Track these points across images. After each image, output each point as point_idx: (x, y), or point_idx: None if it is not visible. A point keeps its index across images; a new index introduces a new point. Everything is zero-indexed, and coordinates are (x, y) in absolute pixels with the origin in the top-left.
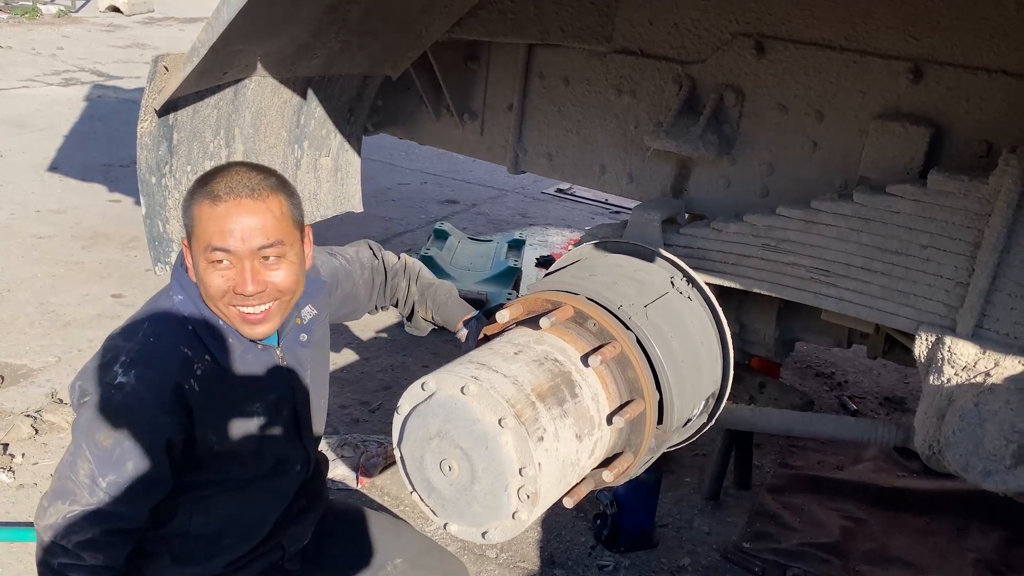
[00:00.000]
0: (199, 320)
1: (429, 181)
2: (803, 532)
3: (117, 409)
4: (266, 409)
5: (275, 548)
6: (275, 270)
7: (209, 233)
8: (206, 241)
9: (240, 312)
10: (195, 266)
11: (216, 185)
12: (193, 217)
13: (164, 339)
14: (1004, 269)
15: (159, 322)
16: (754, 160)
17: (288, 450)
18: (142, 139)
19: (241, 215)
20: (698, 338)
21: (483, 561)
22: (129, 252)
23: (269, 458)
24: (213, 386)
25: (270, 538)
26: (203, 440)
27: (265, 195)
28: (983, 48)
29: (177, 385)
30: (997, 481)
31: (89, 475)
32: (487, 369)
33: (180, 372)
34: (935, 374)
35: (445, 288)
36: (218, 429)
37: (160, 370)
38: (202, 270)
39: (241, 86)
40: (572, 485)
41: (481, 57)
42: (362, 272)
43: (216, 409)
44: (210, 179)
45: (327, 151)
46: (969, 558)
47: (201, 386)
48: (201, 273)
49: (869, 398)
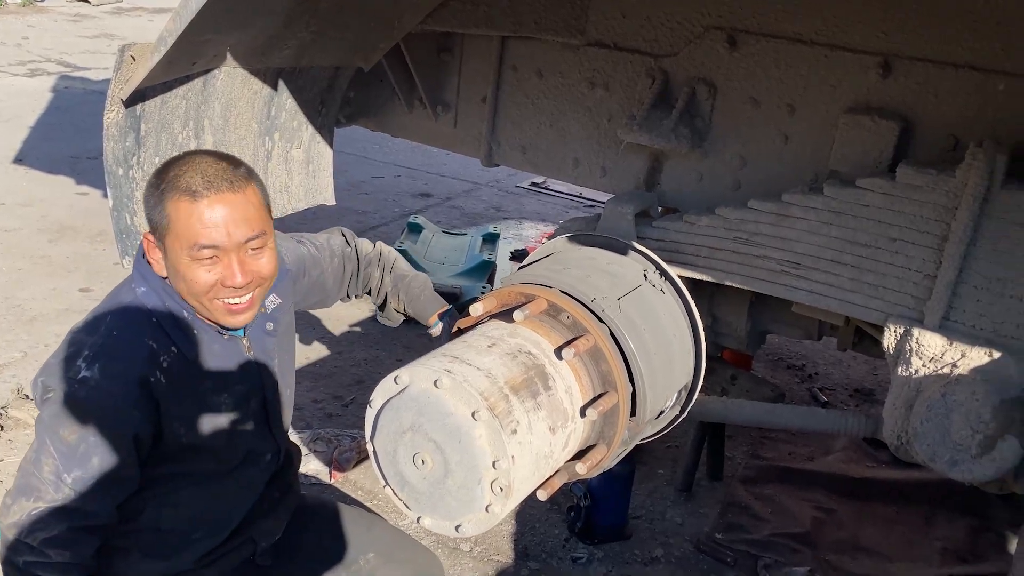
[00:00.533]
0: (163, 312)
1: (403, 174)
2: (774, 523)
3: (82, 404)
4: (234, 400)
5: (247, 543)
6: (260, 259)
7: (194, 231)
8: (191, 240)
9: (225, 304)
10: (172, 263)
11: (190, 179)
12: (168, 215)
13: (128, 332)
14: (970, 262)
15: (122, 315)
16: (726, 153)
17: (258, 441)
18: (108, 130)
19: (225, 209)
20: (671, 331)
21: (457, 555)
22: (97, 245)
23: (239, 449)
24: (180, 378)
25: (241, 532)
26: (171, 433)
27: (243, 186)
28: (951, 43)
29: (143, 378)
30: (963, 470)
31: (54, 471)
32: (460, 362)
33: (146, 365)
34: (903, 365)
35: (420, 280)
36: (186, 422)
37: (125, 363)
38: (185, 267)
39: (210, 77)
40: (545, 478)
41: (454, 49)
42: (331, 260)
43: (183, 402)
44: (178, 172)
45: (298, 143)
46: (936, 546)
47: (168, 378)
48: (184, 270)
49: (839, 390)
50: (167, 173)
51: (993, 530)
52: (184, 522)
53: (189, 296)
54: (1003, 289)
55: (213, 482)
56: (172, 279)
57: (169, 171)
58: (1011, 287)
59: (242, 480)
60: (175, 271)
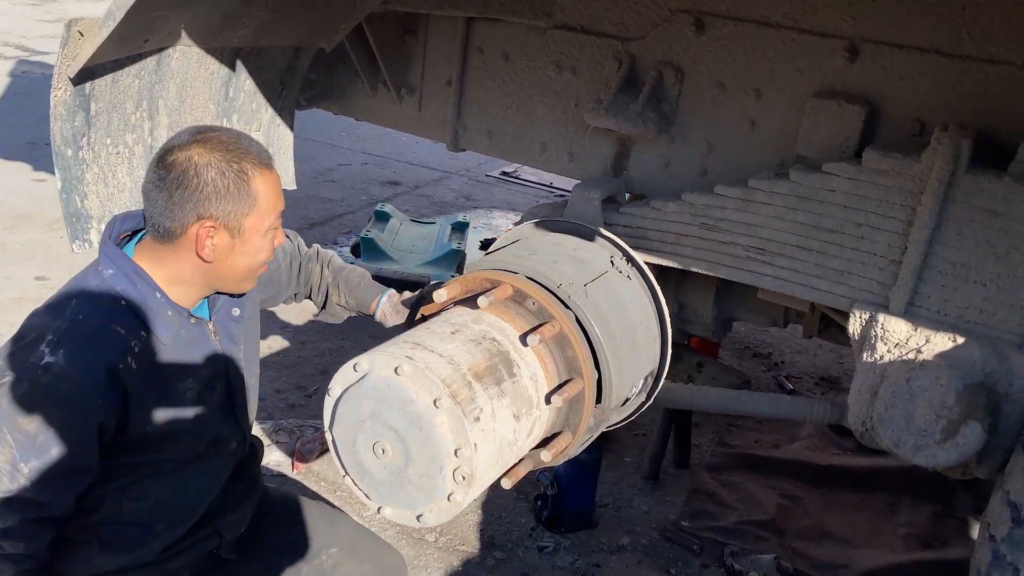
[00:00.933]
0: (133, 295)
1: (371, 162)
2: (740, 510)
3: (43, 391)
4: (200, 386)
5: (211, 535)
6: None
7: (275, 201)
8: (276, 209)
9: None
10: (245, 241)
11: (256, 151)
12: (257, 192)
13: (96, 316)
14: (935, 247)
15: (89, 298)
16: (693, 139)
17: (222, 428)
18: (56, 108)
19: (278, 178)
20: (637, 317)
21: (422, 545)
22: (54, 233)
23: (204, 437)
24: (150, 364)
25: (206, 525)
26: (137, 421)
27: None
28: (917, 28)
29: (111, 365)
30: (927, 456)
31: (10, 461)
32: (422, 349)
33: (115, 351)
34: (868, 351)
35: (358, 272)
36: (153, 409)
37: (93, 349)
38: (260, 241)
39: (165, 55)
40: (510, 466)
41: (419, 31)
42: (284, 256)
43: (152, 388)
44: (240, 146)
45: (257, 125)
46: (900, 532)
47: (139, 364)
48: (261, 243)
49: (805, 378)
50: (229, 152)
51: (956, 516)
52: (146, 514)
53: (246, 270)
54: (967, 274)
55: (176, 472)
56: (227, 261)
57: (229, 151)
58: (975, 272)
59: (206, 470)
60: (247, 248)
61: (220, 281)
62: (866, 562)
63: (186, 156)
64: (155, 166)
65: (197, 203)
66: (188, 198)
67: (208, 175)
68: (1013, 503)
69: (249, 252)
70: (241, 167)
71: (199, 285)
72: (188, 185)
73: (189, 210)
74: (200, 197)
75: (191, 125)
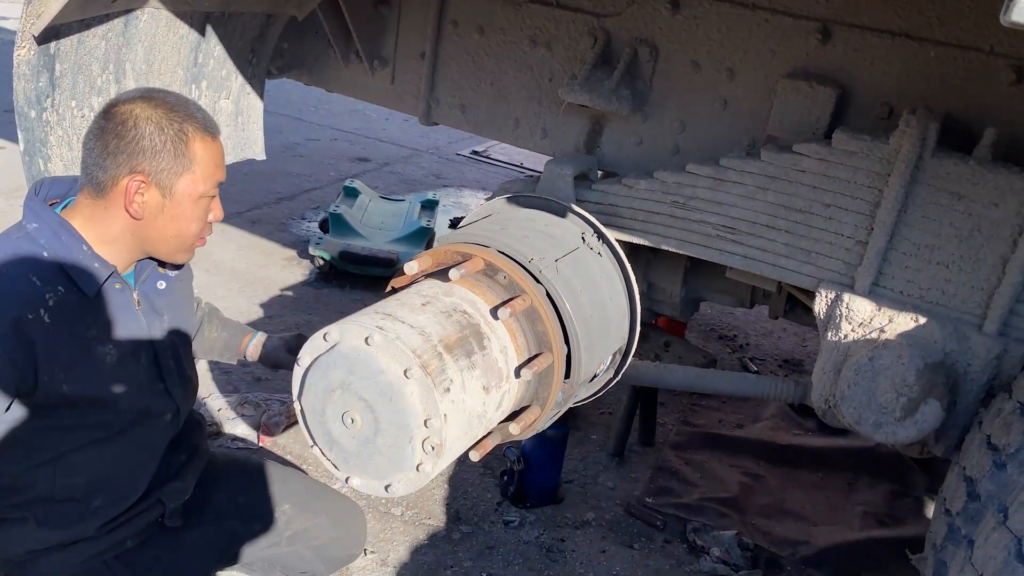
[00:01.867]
0: (57, 248)
1: (340, 138)
2: (704, 487)
3: None
4: (121, 352)
5: (154, 505)
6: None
7: (213, 169)
8: (214, 178)
9: (199, 241)
10: (176, 203)
11: (201, 117)
12: (195, 153)
13: (11, 266)
14: (901, 228)
15: (5, 249)
16: (666, 117)
17: (151, 399)
18: (19, 68)
19: (222, 149)
20: (607, 294)
21: (388, 519)
22: (14, 201)
23: (130, 407)
24: (65, 320)
25: (147, 495)
26: (50, 380)
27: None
28: (888, 12)
29: (19, 315)
30: (887, 433)
31: None
32: (393, 319)
33: (25, 301)
34: (833, 330)
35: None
36: (67, 368)
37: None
38: (192, 207)
39: (132, 18)
40: (479, 438)
41: (393, 1)
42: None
43: (66, 346)
44: (182, 108)
45: (227, 93)
46: (858, 511)
47: (52, 317)
48: (192, 210)
49: (769, 360)
50: (173, 112)
51: (911, 495)
52: (81, 491)
53: (176, 238)
54: (931, 256)
55: (108, 444)
56: (156, 221)
57: (173, 110)
58: (938, 254)
59: (139, 443)
60: (177, 211)
61: (150, 244)
62: (824, 539)
63: (128, 109)
64: (98, 116)
65: (131, 155)
66: (123, 149)
67: (146, 128)
68: (968, 478)
69: (179, 216)
70: (182, 127)
71: (129, 246)
72: (125, 136)
73: (122, 162)
74: (135, 149)
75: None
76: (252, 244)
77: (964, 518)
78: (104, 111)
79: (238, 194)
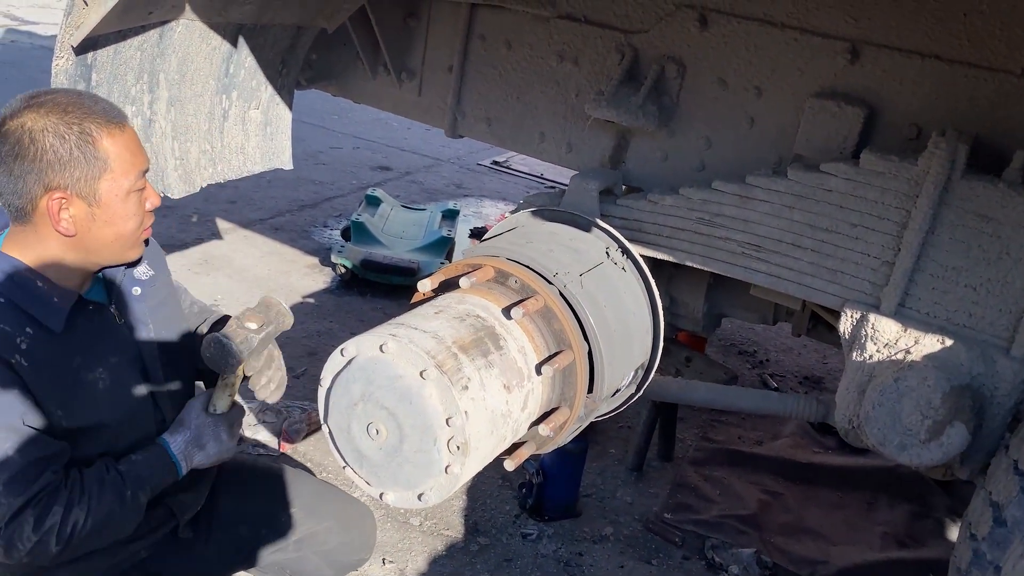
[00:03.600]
0: (13, 289)
1: (362, 146)
2: (722, 504)
3: None
4: (112, 374)
5: (167, 517)
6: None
7: (131, 159)
8: (136, 168)
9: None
10: (104, 208)
11: (103, 109)
12: (106, 152)
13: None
14: (928, 250)
15: None
16: (692, 134)
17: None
18: (57, 78)
19: (135, 134)
20: (631, 309)
21: (407, 529)
22: None
23: (130, 428)
24: (45, 359)
25: (159, 506)
26: (52, 418)
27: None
28: (918, 32)
29: (3, 361)
30: (912, 455)
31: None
32: (406, 327)
33: (1, 348)
34: (858, 350)
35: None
36: (62, 404)
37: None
38: (123, 203)
39: (167, 28)
40: (506, 440)
41: (421, 15)
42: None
43: (53, 384)
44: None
45: (257, 103)
46: (877, 531)
47: (30, 361)
48: (125, 207)
49: (789, 376)
50: (67, 113)
51: (932, 516)
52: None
53: (117, 240)
54: (958, 278)
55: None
56: (90, 232)
57: (66, 111)
58: (966, 276)
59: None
60: (109, 215)
61: (95, 255)
62: (843, 559)
63: (19, 124)
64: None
65: (40, 174)
66: (29, 170)
67: (46, 141)
68: (995, 503)
69: (113, 219)
70: (83, 128)
71: (76, 264)
72: (25, 155)
73: (32, 182)
74: (41, 167)
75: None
76: (274, 251)
77: (990, 543)
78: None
79: (261, 201)
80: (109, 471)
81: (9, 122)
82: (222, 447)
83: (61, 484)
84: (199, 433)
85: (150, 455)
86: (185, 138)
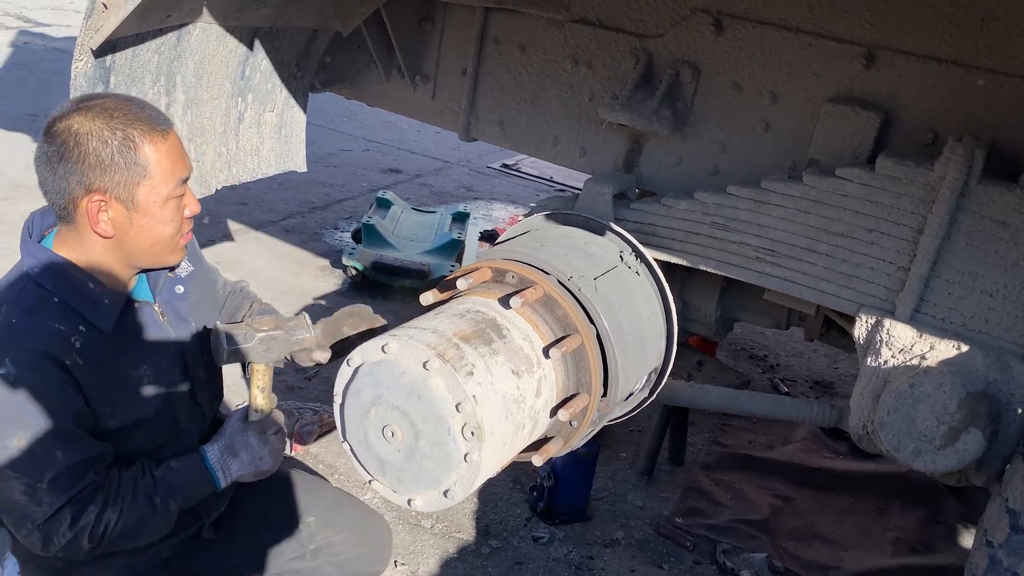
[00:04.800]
0: (65, 290)
1: (372, 149)
2: (733, 509)
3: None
4: (156, 370)
5: (192, 518)
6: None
7: (173, 167)
8: (176, 175)
9: (184, 237)
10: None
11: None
12: (147, 159)
13: (29, 316)
14: (944, 255)
15: (18, 300)
16: (706, 138)
17: (183, 411)
18: (76, 80)
19: (178, 141)
20: (645, 313)
21: (418, 531)
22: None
23: (168, 424)
24: (96, 357)
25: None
26: (100, 417)
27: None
28: (935, 38)
29: (59, 361)
30: (926, 461)
31: (25, 490)
32: (406, 328)
33: (57, 347)
34: (873, 355)
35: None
36: (110, 402)
37: (35, 349)
38: (161, 209)
39: (185, 32)
40: (526, 427)
41: (436, 18)
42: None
43: (103, 382)
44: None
45: (272, 106)
46: (889, 536)
47: (84, 359)
48: (162, 213)
49: (800, 381)
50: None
51: (944, 523)
52: None
53: (155, 245)
54: (974, 284)
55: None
56: (128, 235)
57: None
58: (982, 282)
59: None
60: (147, 220)
61: (135, 258)
62: (855, 564)
63: (66, 126)
64: (42, 140)
65: (81, 175)
66: (72, 171)
67: (89, 145)
68: (1011, 510)
69: (151, 225)
70: (126, 134)
71: (118, 265)
72: (69, 156)
73: (75, 184)
74: (83, 168)
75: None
76: (285, 253)
77: (1007, 551)
78: (45, 132)
79: (272, 203)
80: (144, 475)
81: (58, 124)
82: (254, 454)
83: (100, 484)
84: (231, 441)
85: (187, 463)
86: (201, 140)
